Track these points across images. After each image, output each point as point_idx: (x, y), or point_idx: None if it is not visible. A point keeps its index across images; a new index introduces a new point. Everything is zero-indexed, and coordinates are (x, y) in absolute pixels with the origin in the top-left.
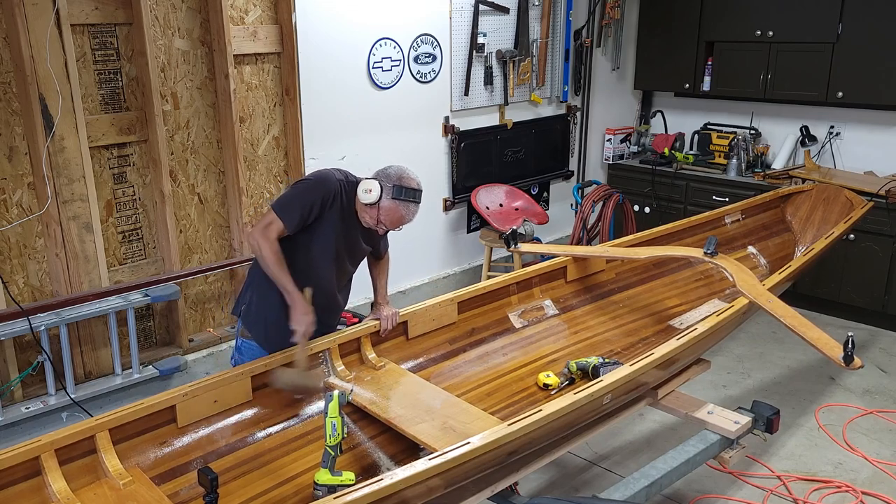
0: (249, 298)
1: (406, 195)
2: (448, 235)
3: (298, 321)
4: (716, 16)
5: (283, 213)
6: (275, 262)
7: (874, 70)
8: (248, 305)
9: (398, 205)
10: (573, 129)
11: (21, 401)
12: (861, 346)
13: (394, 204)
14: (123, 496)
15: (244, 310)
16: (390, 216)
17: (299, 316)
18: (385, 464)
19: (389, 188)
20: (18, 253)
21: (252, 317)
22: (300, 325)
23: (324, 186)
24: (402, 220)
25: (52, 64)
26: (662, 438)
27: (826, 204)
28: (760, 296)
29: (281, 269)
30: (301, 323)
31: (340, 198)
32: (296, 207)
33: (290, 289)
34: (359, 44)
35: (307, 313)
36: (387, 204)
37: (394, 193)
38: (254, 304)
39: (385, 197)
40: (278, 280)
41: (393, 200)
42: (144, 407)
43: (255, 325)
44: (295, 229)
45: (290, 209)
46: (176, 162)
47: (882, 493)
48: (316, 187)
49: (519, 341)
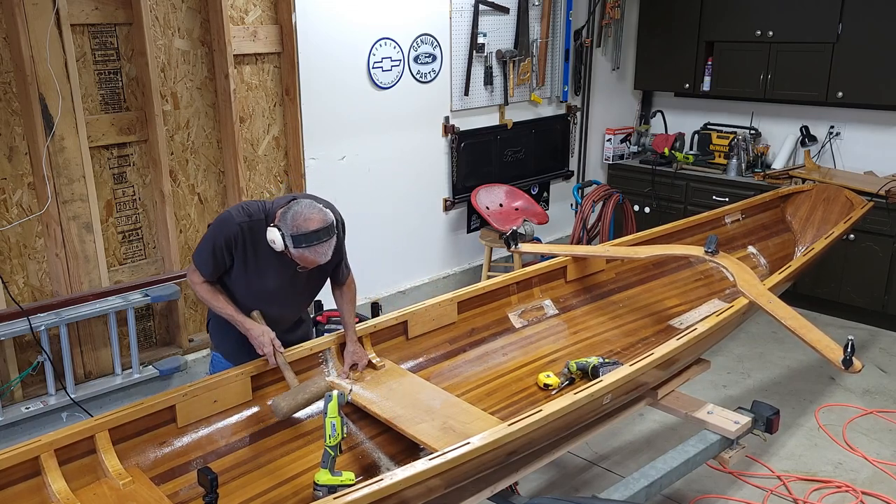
0: (212, 316)
1: (307, 241)
2: (448, 235)
3: (259, 344)
4: (716, 16)
5: (198, 262)
6: (212, 301)
7: (874, 70)
8: (212, 323)
9: (304, 252)
10: (573, 129)
11: (21, 401)
12: (861, 346)
13: (299, 252)
14: (123, 496)
15: (210, 325)
16: (304, 261)
17: (256, 340)
18: (385, 464)
19: (289, 238)
20: (18, 253)
21: (217, 333)
22: (263, 347)
23: (224, 230)
24: (315, 262)
25: (52, 64)
26: (662, 438)
27: (826, 204)
28: (761, 296)
29: (221, 305)
30: (263, 345)
31: (244, 240)
32: (207, 255)
33: (237, 318)
34: (359, 44)
35: (262, 333)
36: (294, 252)
37: (294, 244)
38: (218, 323)
39: (289, 245)
40: (223, 314)
41: (296, 249)
42: (144, 407)
43: (220, 342)
44: (213, 275)
45: (203, 257)
46: (176, 162)
47: (882, 493)
48: (217, 232)
49: (519, 341)
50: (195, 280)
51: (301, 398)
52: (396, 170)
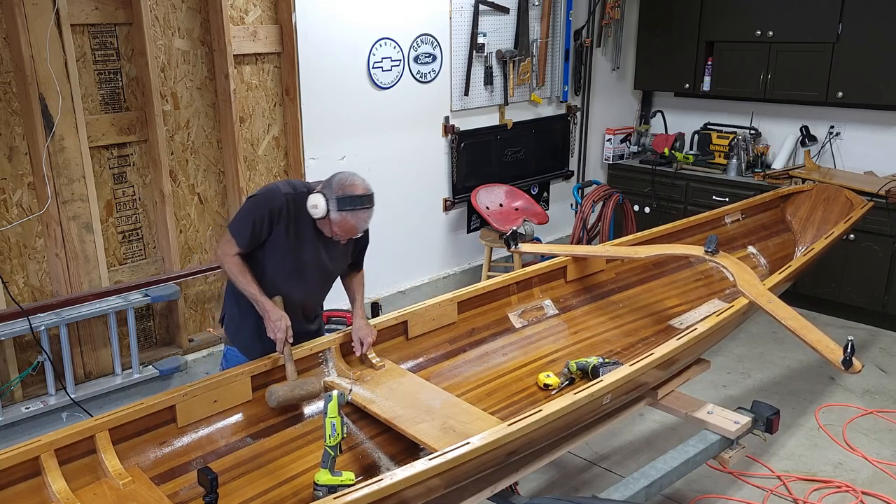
0: (229, 309)
1: (352, 204)
2: (448, 235)
3: (273, 328)
4: (716, 16)
5: (235, 234)
6: (239, 276)
7: (874, 70)
8: (228, 316)
9: (346, 215)
10: (573, 129)
11: (21, 401)
12: (861, 346)
13: (341, 216)
14: (123, 496)
15: (225, 319)
16: (342, 227)
17: (273, 323)
18: (385, 464)
19: (334, 200)
20: (18, 253)
21: (232, 326)
22: (276, 332)
23: (269, 202)
24: (355, 229)
25: (52, 64)
26: (662, 438)
27: (826, 204)
28: (761, 296)
29: (247, 281)
30: (277, 330)
31: (288, 211)
32: (247, 226)
33: (259, 298)
34: (359, 44)
35: (280, 318)
36: (335, 217)
37: (339, 206)
38: (234, 315)
39: (332, 210)
40: (246, 291)
41: (339, 212)
42: (144, 407)
43: (235, 335)
44: (249, 248)
45: (241, 228)
46: (176, 162)
47: (882, 493)
48: (262, 204)
49: (519, 341)
50: (228, 251)
51: (297, 393)
52: (396, 170)
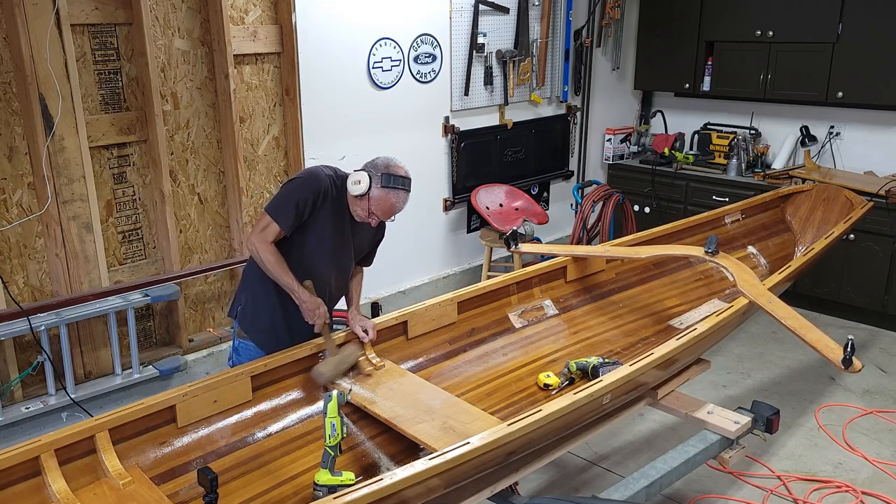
0: (245, 300)
1: (395, 183)
2: (448, 235)
3: (311, 315)
4: (716, 16)
5: (278, 215)
6: (275, 265)
7: (874, 70)
8: (243, 307)
9: (388, 193)
10: (573, 129)
11: (21, 401)
12: (861, 346)
13: (383, 192)
14: (123, 496)
15: (240, 311)
16: (381, 205)
17: (311, 311)
18: (385, 464)
19: (378, 177)
20: (18, 253)
21: (248, 318)
22: (316, 318)
23: (314, 183)
24: (393, 208)
25: (52, 64)
26: (662, 438)
27: (826, 204)
28: (761, 296)
29: (283, 271)
30: (317, 317)
31: (331, 193)
32: (290, 207)
33: (295, 288)
34: (359, 44)
35: (318, 305)
36: (376, 193)
37: (382, 182)
38: (249, 306)
39: (374, 187)
40: (281, 281)
41: (382, 189)
42: (144, 407)
43: (251, 327)
44: (291, 229)
45: (285, 210)
46: (176, 162)
47: (882, 493)
48: (306, 184)
49: (519, 341)
50: (266, 239)
51: (342, 368)
52: None
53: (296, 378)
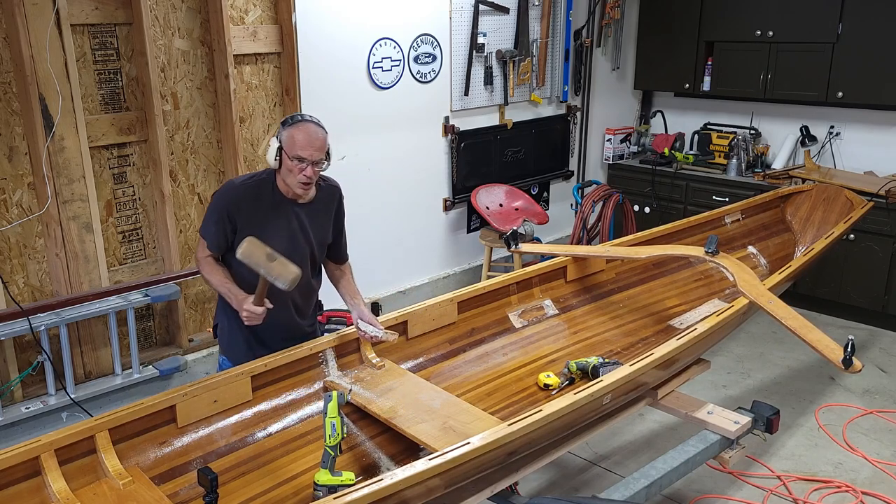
0: (220, 322)
1: (294, 119)
2: (448, 235)
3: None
4: (716, 16)
5: (205, 235)
6: (211, 276)
7: (874, 70)
8: (220, 328)
9: (293, 130)
10: (573, 129)
11: (21, 401)
12: (861, 346)
13: (288, 132)
14: (123, 496)
15: (218, 332)
16: (294, 144)
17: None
18: (385, 464)
19: (280, 129)
20: (18, 253)
21: (225, 339)
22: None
23: (224, 196)
24: (308, 137)
25: (52, 64)
26: (662, 438)
27: (826, 204)
28: (761, 296)
29: (219, 280)
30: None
31: (246, 197)
32: (210, 225)
33: (233, 291)
34: (359, 44)
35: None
36: (284, 138)
37: (283, 127)
38: (224, 328)
39: (281, 137)
40: (221, 291)
41: (286, 130)
42: (144, 407)
43: (228, 348)
44: (219, 246)
45: (206, 229)
46: (176, 162)
47: (882, 493)
48: (217, 200)
49: (519, 341)
50: (200, 255)
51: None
52: (396, 170)
53: (296, 378)
